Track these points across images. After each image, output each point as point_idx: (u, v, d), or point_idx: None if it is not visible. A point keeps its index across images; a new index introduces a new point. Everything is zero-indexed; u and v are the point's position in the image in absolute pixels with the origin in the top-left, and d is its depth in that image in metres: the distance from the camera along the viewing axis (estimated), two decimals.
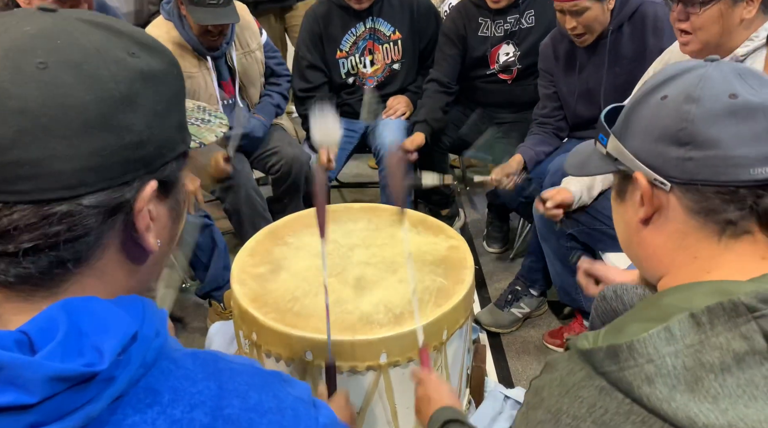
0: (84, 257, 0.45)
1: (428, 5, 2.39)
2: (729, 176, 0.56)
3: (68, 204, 0.43)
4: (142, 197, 0.46)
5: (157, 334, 0.46)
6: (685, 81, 0.59)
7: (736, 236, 0.58)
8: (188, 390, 0.46)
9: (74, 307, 0.43)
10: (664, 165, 0.59)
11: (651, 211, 0.61)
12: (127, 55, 0.46)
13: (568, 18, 1.78)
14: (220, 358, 0.50)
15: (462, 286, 1.26)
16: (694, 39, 1.35)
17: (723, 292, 0.52)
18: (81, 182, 0.43)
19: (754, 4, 1.30)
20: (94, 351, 0.41)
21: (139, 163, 0.46)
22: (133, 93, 0.45)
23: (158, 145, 0.47)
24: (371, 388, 1.16)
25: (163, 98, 0.47)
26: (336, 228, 1.49)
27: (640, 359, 0.49)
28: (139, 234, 0.47)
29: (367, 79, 2.40)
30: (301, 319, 1.16)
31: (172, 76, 0.49)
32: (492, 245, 2.49)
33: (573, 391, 0.52)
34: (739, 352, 0.48)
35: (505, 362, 1.93)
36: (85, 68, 0.43)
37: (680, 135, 0.57)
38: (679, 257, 0.60)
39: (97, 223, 0.44)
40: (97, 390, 0.41)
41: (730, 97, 0.56)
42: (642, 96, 0.62)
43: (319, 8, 2.32)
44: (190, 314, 2.19)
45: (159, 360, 0.46)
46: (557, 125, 2.06)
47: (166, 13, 2.03)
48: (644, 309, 0.56)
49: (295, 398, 0.51)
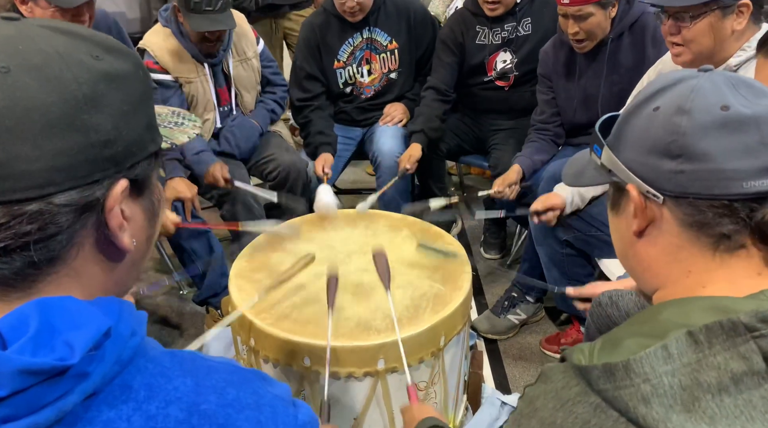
0: (57, 256, 0.46)
1: (424, 13, 2.41)
2: (721, 190, 0.55)
3: (38, 203, 0.43)
4: (113, 196, 0.47)
5: (133, 333, 0.46)
6: (676, 92, 0.59)
7: (731, 251, 0.57)
8: (164, 386, 0.46)
9: (47, 305, 0.43)
10: (656, 178, 0.58)
11: (644, 223, 0.61)
12: (91, 57, 0.47)
13: (571, 23, 1.80)
14: (198, 356, 0.51)
15: (459, 292, 1.27)
16: (686, 50, 1.37)
17: (721, 309, 0.51)
18: (49, 182, 0.44)
19: (744, 16, 1.32)
20: (65, 346, 0.41)
21: (108, 162, 0.46)
22: (97, 94, 0.46)
23: (127, 144, 0.48)
24: (369, 394, 1.17)
25: (128, 99, 0.48)
26: (334, 234, 1.50)
27: (636, 378, 0.48)
28: (112, 233, 0.48)
29: (365, 89, 2.41)
30: (298, 325, 1.17)
31: (138, 78, 0.50)
32: (489, 251, 2.50)
33: (568, 406, 0.52)
34: (737, 372, 0.47)
35: (502, 368, 1.93)
36: (47, 71, 0.44)
37: (671, 148, 0.57)
38: (674, 271, 0.60)
39: (68, 222, 0.45)
40: (69, 385, 0.41)
41: (722, 109, 0.56)
42: (634, 107, 0.62)
43: (316, 19, 2.33)
44: (187, 320, 2.19)
45: (135, 359, 0.46)
46: (555, 131, 2.08)
47: (163, 20, 2.04)
48: (640, 324, 0.55)
49: (274, 396, 0.51)
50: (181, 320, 2.20)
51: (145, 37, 2.06)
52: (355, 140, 2.46)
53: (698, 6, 1.31)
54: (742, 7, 1.31)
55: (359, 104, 2.43)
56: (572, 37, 1.83)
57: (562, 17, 1.84)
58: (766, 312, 0.48)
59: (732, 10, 1.31)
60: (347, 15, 2.23)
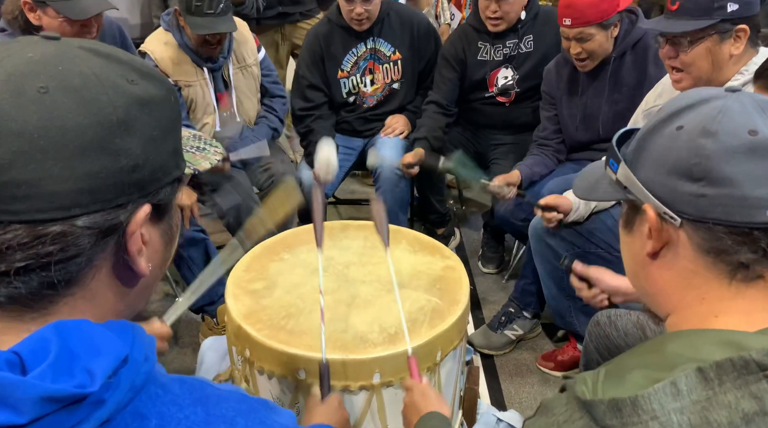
0: (75, 278, 0.45)
1: (428, 26, 2.42)
2: (743, 217, 0.53)
3: (62, 225, 0.43)
4: (136, 221, 0.47)
5: (146, 359, 0.46)
6: (702, 112, 0.56)
7: (748, 281, 0.55)
8: (175, 415, 0.46)
9: (66, 329, 0.43)
10: (675, 199, 0.56)
11: (659, 245, 0.59)
12: (126, 81, 0.47)
13: (573, 43, 1.82)
14: (207, 384, 0.50)
15: (457, 307, 1.26)
16: (686, 76, 1.38)
17: (732, 344, 0.50)
18: (75, 203, 0.43)
19: (742, 40, 1.33)
20: (85, 373, 0.41)
21: (133, 186, 0.46)
22: (130, 118, 0.46)
23: (153, 169, 0.48)
24: (364, 408, 1.15)
25: (159, 124, 0.48)
26: (332, 245, 1.49)
27: (644, 415, 0.47)
28: (131, 257, 0.48)
29: (367, 98, 2.42)
30: (294, 337, 1.16)
31: (169, 104, 0.50)
32: (487, 265, 2.49)
33: None
34: (748, 412, 0.46)
35: (498, 384, 1.92)
36: (84, 93, 0.44)
37: (694, 170, 0.54)
38: (687, 297, 0.58)
39: (89, 244, 0.45)
40: (86, 413, 0.41)
41: (750, 133, 0.53)
42: (656, 124, 0.60)
43: (320, 28, 2.35)
44: (182, 328, 2.17)
45: (147, 385, 0.46)
46: (556, 148, 2.08)
47: (165, 24, 2.06)
48: (647, 354, 0.54)
49: (281, 425, 0.51)
50: (176, 327, 2.18)
51: (147, 41, 2.08)
52: (356, 150, 2.46)
53: (696, 31, 1.33)
54: (739, 32, 1.33)
55: (361, 114, 2.44)
56: (575, 56, 1.85)
57: (564, 39, 1.85)
58: None
59: (729, 35, 1.33)
60: (354, 23, 2.24)
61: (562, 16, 1.79)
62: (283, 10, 2.85)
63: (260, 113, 2.28)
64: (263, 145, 2.02)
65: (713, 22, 1.31)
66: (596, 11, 1.75)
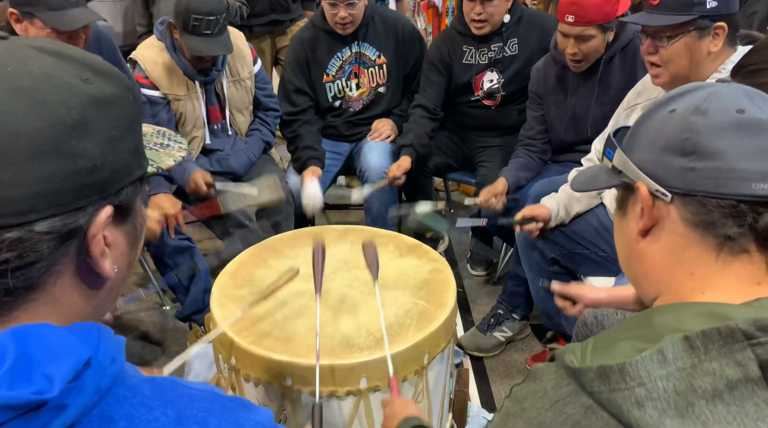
0: (35, 284, 0.44)
1: (412, 29, 2.43)
2: (730, 189, 0.55)
3: (18, 231, 0.42)
4: (97, 223, 0.46)
5: (112, 361, 0.45)
6: (694, 95, 0.60)
7: (734, 254, 0.57)
8: (144, 417, 0.45)
9: (24, 334, 0.42)
10: (666, 175, 0.59)
11: (650, 223, 0.61)
12: (80, 80, 0.45)
13: (572, 43, 1.82)
14: (179, 384, 0.49)
15: (444, 310, 1.26)
16: (664, 72, 1.40)
17: (717, 315, 0.51)
18: (31, 209, 0.42)
19: (720, 38, 1.35)
20: (43, 379, 0.40)
21: (93, 188, 0.45)
22: (86, 119, 0.44)
23: (113, 170, 0.46)
24: (351, 414, 1.15)
25: (117, 123, 0.47)
26: None
27: (631, 382, 0.48)
28: (94, 260, 0.47)
29: (353, 103, 2.42)
30: (280, 343, 1.15)
31: (127, 101, 0.49)
32: (476, 268, 2.49)
33: (557, 406, 0.51)
34: (732, 379, 0.47)
35: (488, 386, 1.92)
36: (36, 95, 0.43)
37: (685, 145, 0.57)
38: (676, 273, 0.60)
39: (49, 250, 0.44)
40: (47, 419, 0.40)
41: (738, 112, 0.56)
42: (650, 111, 0.63)
43: (305, 33, 2.35)
44: (169, 337, 2.15)
45: (114, 387, 0.45)
46: (542, 148, 2.09)
47: (159, 34, 2.04)
48: (634, 327, 0.55)
49: (255, 423, 0.50)
50: (164, 336, 2.16)
51: (138, 49, 2.06)
52: (343, 155, 2.46)
53: (675, 26, 1.35)
54: (717, 29, 1.34)
55: (348, 119, 2.43)
56: (570, 57, 1.85)
57: (562, 36, 1.86)
58: (764, 320, 0.48)
59: (708, 32, 1.34)
60: (338, 27, 2.24)
61: (565, 12, 1.79)
62: (275, 18, 2.84)
63: (253, 125, 2.28)
64: (253, 189, 1.97)
65: (692, 17, 1.32)
66: (600, 12, 1.77)
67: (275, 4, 2.81)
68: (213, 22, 1.89)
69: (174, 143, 0.61)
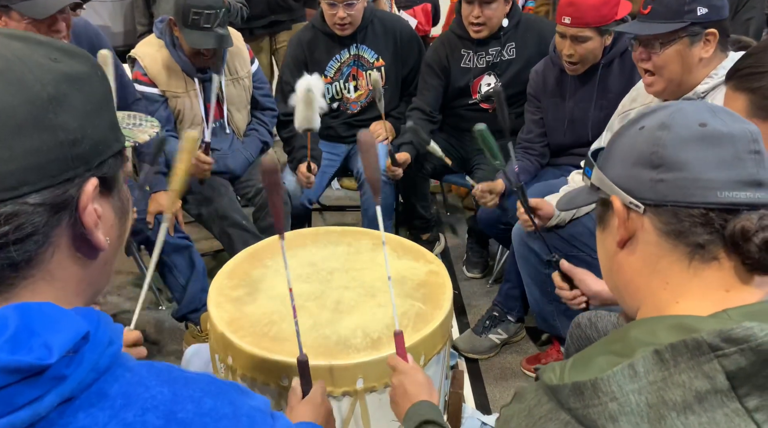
0: (33, 257, 0.46)
1: (411, 33, 2.44)
2: (698, 198, 0.58)
3: (13, 204, 0.44)
4: (86, 193, 0.48)
5: (110, 342, 0.47)
6: (661, 113, 0.64)
7: (705, 262, 0.59)
8: (141, 395, 0.46)
9: (27, 308, 0.44)
10: (638, 188, 0.62)
11: (626, 234, 0.63)
12: (49, 60, 0.48)
13: (568, 44, 1.84)
14: (175, 368, 0.51)
15: (440, 311, 1.26)
16: (658, 79, 1.41)
17: (685, 328, 0.53)
18: (22, 182, 0.44)
19: (711, 44, 1.37)
20: (43, 348, 0.42)
21: (77, 160, 0.47)
22: (60, 94, 0.47)
23: (93, 143, 0.49)
24: (347, 414, 1.15)
25: (91, 99, 0.49)
26: (316, 251, 1.49)
27: (604, 397, 0.50)
28: (88, 231, 0.49)
29: (351, 104, 2.43)
30: (277, 343, 1.16)
31: (97, 78, 0.51)
32: (472, 270, 2.50)
33: (539, 423, 0.53)
34: (701, 391, 0.48)
35: (482, 388, 1.93)
36: (8, 75, 0.45)
37: (653, 158, 0.61)
38: (652, 283, 0.62)
39: (43, 221, 0.46)
40: (46, 387, 0.41)
41: (700, 125, 0.60)
42: (622, 129, 0.67)
43: (304, 35, 2.35)
44: (165, 336, 2.15)
45: (113, 368, 0.46)
46: (540, 151, 2.11)
47: (158, 31, 2.05)
48: (611, 342, 0.57)
49: (251, 407, 0.51)
50: (160, 336, 2.16)
51: (138, 47, 2.06)
52: (340, 156, 2.47)
53: (667, 34, 1.36)
54: (709, 35, 1.36)
55: (345, 120, 2.44)
56: (566, 58, 1.87)
57: (559, 37, 1.88)
58: (729, 332, 0.49)
59: (699, 39, 1.36)
60: (336, 28, 2.25)
61: (562, 14, 1.83)
62: (275, 19, 2.84)
63: (250, 124, 2.28)
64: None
65: (684, 24, 1.34)
66: (596, 15, 1.79)
67: (274, 5, 2.81)
68: (212, 16, 1.90)
69: (146, 123, 0.64)
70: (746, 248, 0.57)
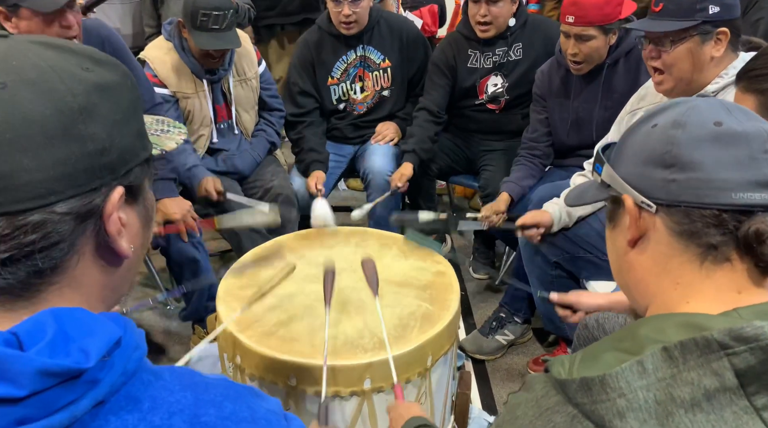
0: (59, 265, 0.47)
1: (417, 34, 2.44)
2: (711, 199, 0.57)
3: (40, 213, 0.45)
4: (111, 202, 0.48)
5: (136, 347, 0.48)
6: (674, 110, 0.62)
7: (717, 263, 0.59)
8: (167, 399, 0.47)
9: (62, 313, 0.45)
10: (650, 187, 0.61)
11: (638, 233, 0.63)
12: (81, 69, 0.48)
13: (572, 43, 1.84)
14: (195, 373, 0.52)
15: (447, 312, 1.27)
16: (668, 77, 1.40)
17: (695, 326, 0.53)
18: (50, 191, 0.45)
19: (723, 43, 1.36)
20: (80, 352, 0.43)
21: (104, 170, 0.48)
22: (90, 104, 0.47)
23: (120, 152, 0.49)
24: (354, 414, 1.16)
25: (119, 108, 0.50)
26: (323, 252, 1.50)
27: (612, 393, 0.50)
28: (112, 238, 0.49)
29: (357, 105, 2.44)
30: (285, 343, 1.16)
31: (127, 87, 0.52)
32: (478, 271, 2.50)
33: (546, 414, 0.53)
34: (709, 389, 0.48)
35: (489, 389, 1.93)
36: (42, 85, 0.46)
37: (665, 157, 0.59)
38: (663, 283, 0.61)
39: (69, 230, 0.46)
40: (82, 391, 0.42)
41: (715, 124, 0.59)
42: (634, 126, 0.66)
43: (311, 36, 2.36)
44: (172, 338, 2.16)
45: (139, 372, 0.47)
46: (544, 151, 2.10)
47: (167, 34, 2.06)
48: (620, 339, 0.57)
49: (267, 410, 0.52)
50: (167, 337, 2.17)
51: (147, 49, 2.08)
52: (347, 157, 2.47)
53: (678, 32, 1.35)
54: (720, 34, 1.35)
55: (352, 121, 2.45)
56: (570, 57, 1.87)
57: (563, 36, 1.88)
58: (739, 331, 0.49)
59: (710, 37, 1.35)
60: (342, 27, 2.25)
61: (565, 13, 1.83)
62: (307, 17, 2.82)
63: (258, 125, 2.30)
64: (265, 207, 1.89)
65: (695, 23, 1.33)
66: (599, 13, 1.79)
67: (306, 3, 2.81)
68: (220, 18, 1.91)
69: (174, 129, 0.64)
70: (760, 250, 0.56)
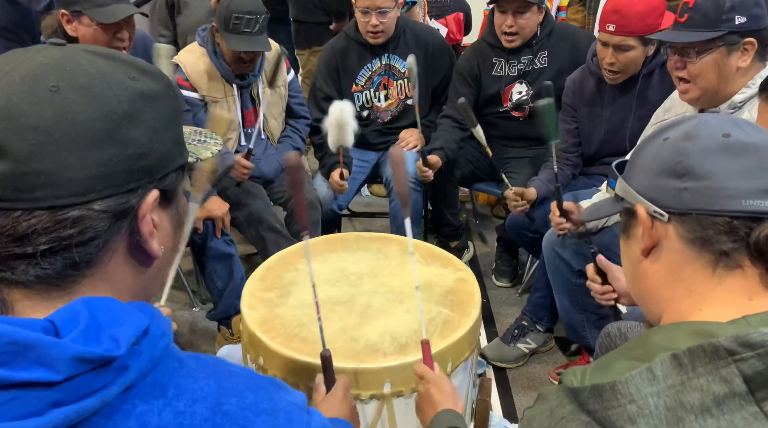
0: (94, 259, 0.50)
1: (442, 44, 2.46)
2: (722, 206, 0.59)
3: (79, 209, 0.48)
4: (146, 204, 0.52)
5: (163, 334, 0.50)
6: (685, 124, 0.65)
7: (729, 269, 0.60)
8: (191, 386, 0.50)
9: (94, 303, 0.48)
10: (662, 197, 0.63)
11: (651, 243, 0.64)
12: (128, 78, 0.52)
13: (611, 52, 1.82)
14: (220, 361, 0.55)
15: (468, 319, 1.27)
16: (693, 87, 1.39)
17: (704, 334, 0.54)
18: (90, 189, 0.48)
19: (749, 54, 1.34)
20: (111, 340, 0.46)
21: (142, 172, 0.51)
22: (134, 111, 0.51)
23: (158, 157, 0.52)
24: (374, 417, 1.17)
25: (161, 116, 0.53)
26: (346, 256, 1.52)
27: (622, 399, 0.51)
28: (143, 238, 0.52)
29: (381, 113, 2.46)
30: (307, 345, 1.18)
31: (169, 97, 0.55)
32: (501, 279, 2.49)
33: (561, 423, 0.54)
34: (719, 395, 0.49)
35: (510, 397, 1.92)
36: (91, 90, 0.49)
37: (677, 168, 0.62)
38: (676, 291, 0.63)
39: (105, 227, 0.49)
40: (112, 377, 0.45)
41: (724, 136, 0.61)
42: (646, 140, 0.68)
43: (337, 43, 2.40)
44: (198, 338, 2.21)
45: (165, 359, 0.50)
46: (574, 161, 2.09)
47: (200, 39, 2.14)
48: (632, 348, 0.58)
49: (288, 402, 0.54)
50: (193, 337, 2.22)
51: (180, 54, 2.16)
52: (370, 163, 2.49)
53: (703, 42, 1.34)
54: (747, 45, 1.33)
55: (376, 128, 2.47)
56: (607, 67, 1.85)
57: (600, 45, 1.86)
58: (746, 337, 0.50)
59: (737, 48, 1.34)
60: (369, 36, 2.29)
61: (606, 21, 1.80)
62: None
63: (284, 132, 2.35)
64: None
65: (721, 33, 1.32)
66: (642, 24, 1.76)
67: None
68: (252, 21, 1.98)
69: (210, 139, 0.68)
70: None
